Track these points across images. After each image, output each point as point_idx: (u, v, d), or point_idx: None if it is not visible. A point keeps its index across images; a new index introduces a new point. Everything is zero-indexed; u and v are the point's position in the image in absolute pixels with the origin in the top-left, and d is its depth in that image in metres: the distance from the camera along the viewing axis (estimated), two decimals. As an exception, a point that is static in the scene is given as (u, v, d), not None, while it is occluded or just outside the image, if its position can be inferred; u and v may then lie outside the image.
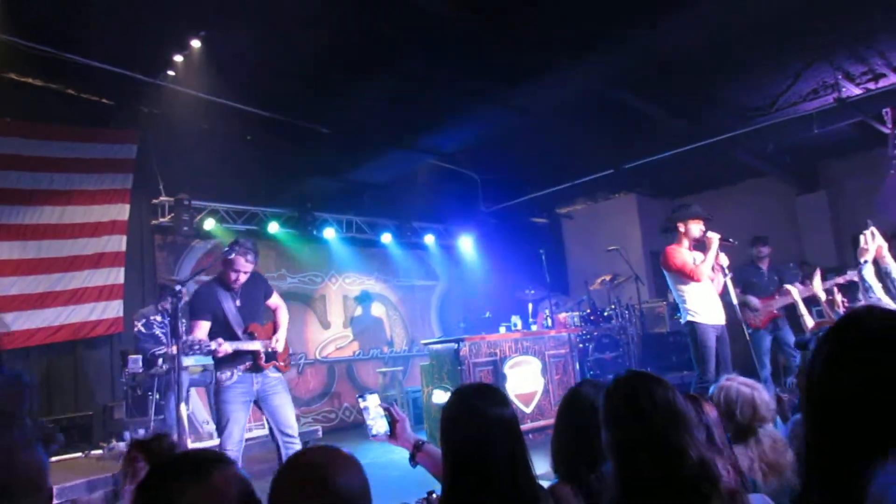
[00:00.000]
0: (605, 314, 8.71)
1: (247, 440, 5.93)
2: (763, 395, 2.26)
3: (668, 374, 8.21)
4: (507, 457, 1.67)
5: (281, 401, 4.37)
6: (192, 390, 6.55)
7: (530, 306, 8.83)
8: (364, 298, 10.06)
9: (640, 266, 10.09)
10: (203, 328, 4.19)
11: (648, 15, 5.53)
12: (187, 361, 5.68)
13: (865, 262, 3.53)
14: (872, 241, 3.55)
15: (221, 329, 4.22)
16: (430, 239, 10.45)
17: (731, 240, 5.16)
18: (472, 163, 9.33)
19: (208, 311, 4.22)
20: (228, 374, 4.19)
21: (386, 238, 9.87)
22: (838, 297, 4.05)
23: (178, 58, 6.16)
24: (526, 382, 7.04)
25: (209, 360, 5.97)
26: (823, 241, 9.51)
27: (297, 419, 8.62)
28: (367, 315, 10.06)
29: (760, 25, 5.80)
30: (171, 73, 6.33)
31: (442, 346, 6.96)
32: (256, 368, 4.30)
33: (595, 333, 8.32)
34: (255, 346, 4.28)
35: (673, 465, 1.41)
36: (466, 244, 10.94)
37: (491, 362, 6.82)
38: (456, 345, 6.67)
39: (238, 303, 4.36)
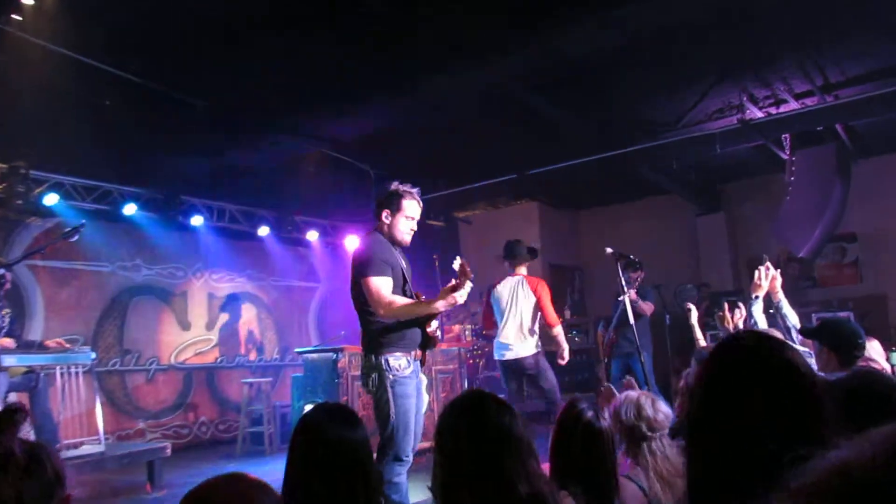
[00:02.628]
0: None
1: (77, 458, 5.57)
2: (655, 402, 2.38)
3: (563, 394, 8.50)
4: (347, 485, 1.64)
5: (422, 409, 3.82)
6: (13, 395, 6.04)
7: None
8: (233, 298, 9.75)
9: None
10: (389, 285, 3.60)
11: (559, 16, 5.74)
12: (8, 360, 5.23)
13: (756, 297, 3.75)
14: (766, 278, 3.76)
15: (398, 292, 3.69)
16: (313, 235, 10.27)
17: (632, 256, 5.47)
18: (366, 155, 9.25)
19: (389, 264, 3.67)
20: (405, 361, 3.66)
21: (263, 231, 9.61)
22: (729, 315, 4.31)
23: (28, 0, 5.70)
24: (410, 398, 7.06)
25: (39, 361, 5.55)
26: (721, 264, 10.25)
27: (142, 433, 8.32)
28: (234, 317, 9.75)
29: (672, 39, 6.16)
30: (16, 17, 5.84)
31: (318, 356, 6.88)
32: (427, 346, 3.82)
33: (487, 349, 8.47)
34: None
35: (499, 496, 1.37)
36: (354, 244, 10.83)
37: (373, 375, 6.78)
38: (334, 355, 6.61)
39: (404, 264, 3.84)
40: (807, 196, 7.77)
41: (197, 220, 8.82)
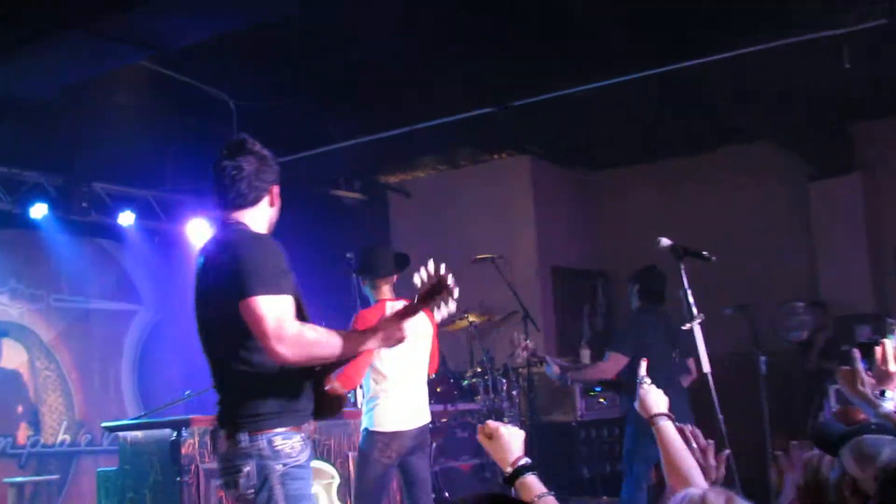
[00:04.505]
0: (465, 383, 8.91)
1: None
2: (731, 501, 2.42)
3: (578, 497, 8.55)
4: None
5: None
6: None
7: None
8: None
9: (534, 292, 10.51)
10: (291, 308, 3.71)
11: None
12: None
13: (885, 394, 3.68)
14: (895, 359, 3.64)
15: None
16: (127, 218, 10.22)
17: (705, 253, 5.48)
18: (220, 74, 9.18)
19: (288, 277, 3.81)
20: (299, 442, 3.76)
21: (38, 211, 9.53)
22: (861, 370, 4.30)
23: None
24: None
25: None
26: (853, 264, 10.23)
27: None
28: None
29: None
30: None
31: (143, 435, 6.96)
32: (326, 413, 4.11)
33: (444, 420, 8.47)
34: None
35: None
36: (201, 232, 10.71)
37: (241, 471, 6.77)
38: (173, 433, 6.63)
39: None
40: None
41: (-86, 194, 8.67)
